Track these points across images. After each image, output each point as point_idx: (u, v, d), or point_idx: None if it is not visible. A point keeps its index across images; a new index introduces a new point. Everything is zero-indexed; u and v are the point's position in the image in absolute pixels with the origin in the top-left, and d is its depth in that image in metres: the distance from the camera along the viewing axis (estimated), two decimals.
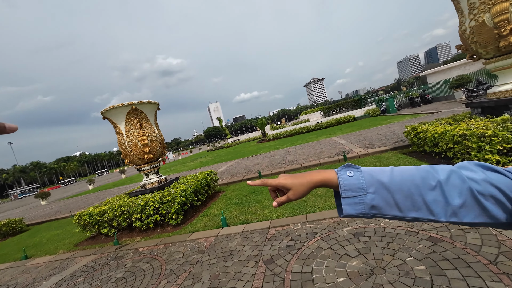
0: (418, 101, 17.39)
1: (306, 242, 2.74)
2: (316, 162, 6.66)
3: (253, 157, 11.75)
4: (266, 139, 21.37)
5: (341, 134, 11.70)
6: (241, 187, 6.37)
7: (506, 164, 3.25)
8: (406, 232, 2.44)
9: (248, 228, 3.56)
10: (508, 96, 3.93)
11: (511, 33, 3.58)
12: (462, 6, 4.14)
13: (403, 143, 6.09)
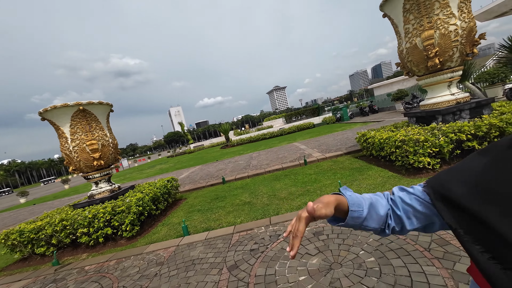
0: (367, 111, 19.45)
1: (269, 244, 2.78)
2: (279, 166, 6.86)
3: (217, 162, 11.55)
4: (230, 144, 21.26)
5: (302, 140, 12.33)
6: (204, 193, 6.18)
7: (435, 165, 3.84)
8: None
9: (211, 235, 3.45)
10: (435, 108, 4.67)
11: (436, 56, 4.29)
12: (399, 30, 4.82)
13: (355, 148, 6.71)
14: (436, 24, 4.16)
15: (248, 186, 5.79)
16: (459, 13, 4.09)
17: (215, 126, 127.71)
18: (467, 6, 4.16)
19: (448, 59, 4.30)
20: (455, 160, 4.00)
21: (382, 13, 5.09)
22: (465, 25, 4.09)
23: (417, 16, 4.35)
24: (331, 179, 4.74)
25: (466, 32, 4.11)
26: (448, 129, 3.90)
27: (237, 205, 4.59)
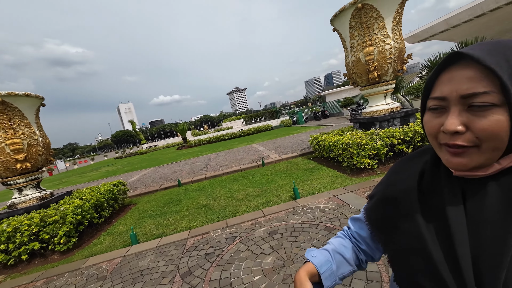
0: (320, 116, 21.03)
1: (225, 247, 2.76)
2: (237, 168, 6.87)
3: (172, 164, 10.95)
4: (187, 145, 20.41)
5: (260, 142, 12.61)
6: (157, 197, 5.78)
7: (373, 165, 4.37)
8: (309, 225, 2.85)
9: (163, 242, 3.25)
10: (374, 115, 5.32)
11: (375, 70, 4.90)
12: (346, 44, 5.36)
13: (309, 149, 7.17)
14: (375, 42, 4.76)
15: (206, 188, 5.64)
16: (392, 35, 4.76)
17: (171, 125, 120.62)
18: (399, 29, 4.87)
19: (384, 73, 4.95)
20: (389, 161, 4.62)
21: (332, 27, 5.59)
22: (397, 45, 4.77)
23: (361, 34, 4.90)
24: (286, 180, 4.96)
25: (398, 51, 4.80)
26: (383, 134, 4.49)
27: (193, 209, 4.42)
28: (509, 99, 0.33)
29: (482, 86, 0.35)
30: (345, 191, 3.64)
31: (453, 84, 0.39)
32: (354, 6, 4.66)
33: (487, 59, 0.35)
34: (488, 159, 0.37)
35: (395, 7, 4.65)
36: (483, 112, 0.36)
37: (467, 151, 0.38)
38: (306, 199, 3.69)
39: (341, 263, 0.62)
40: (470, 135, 0.37)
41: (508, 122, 0.34)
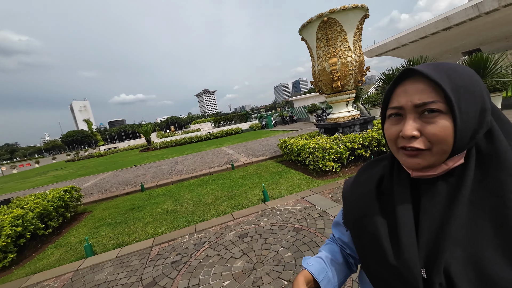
0: (288, 120, 21.77)
1: (194, 253, 2.66)
2: (206, 171, 6.72)
3: (135, 167, 10.23)
4: (152, 147, 19.27)
5: (230, 145, 12.53)
6: (117, 203, 5.33)
7: (337, 168, 4.66)
8: (279, 227, 2.92)
9: (124, 252, 3.00)
10: (338, 121, 5.71)
11: (339, 79, 5.27)
12: (313, 53, 5.68)
13: (278, 153, 7.36)
14: (339, 54, 5.14)
15: (172, 193, 5.39)
16: (354, 48, 5.20)
17: (134, 126, 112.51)
18: (359, 44, 5.34)
19: (346, 83, 5.36)
20: (350, 164, 4.98)
21: (301, 37, 5.88)
22: (357, 58, 5.22)
23: (326, 45, 5.25)
24: (256, 183, 5.00)
25: (358, 63, 5.25)
26: (346, 139, 4.84)
27: (158, 215, 4.18)
28: (452, 107, 0.41)
29: (431, 96, 0.42)
30: (311, 193, 3.82)
31: (407, 95, 0.45)
32: (321, 19, 4.98)
33: (434, 75, 0.42)
34: (437, 160, 0.44)
35: (356, 23, 5.09)
36: (433, 119, 0.42)
37: (421, 153, 0.44)
38: (275, 201, 3.77)
39: (336, 270, 0.65)
40: (423, 139, 0.43)
41: (452, 128, 0.41)
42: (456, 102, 0.40)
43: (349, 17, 4.95)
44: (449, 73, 0.42)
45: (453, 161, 0.44)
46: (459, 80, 0.42)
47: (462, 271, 0.40)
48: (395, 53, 45.32)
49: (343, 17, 4.92)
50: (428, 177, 0.47)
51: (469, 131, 0.42)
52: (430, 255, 0.42)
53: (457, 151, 0.43)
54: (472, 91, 0.42)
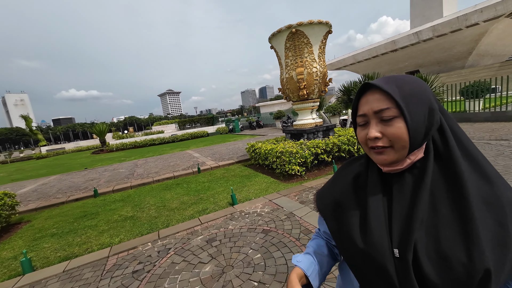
0: (255, 125, 22.09)
1: (157, 261, 2.50)
2: (170, 175, 6.39)
3: (86, 171, 9.19)
4: (107, 149, 17.56)
5: (196, 148, 12.16)
6: (64, 211, 4.72)
7: (302, 172, 4.90)
8: (248, 230, 2.93)
9: (74, 265, 2.66)
10: (303, 128, 6.02)
11: (305, 88, 5.58)
12: (282, 62, 5.92)
13: (245, 157, 7.40)
14: (305, 64, 5.46)
15: (131, 198, 4.99)
16: (318, 60, 5.58)
17: (85, 125, 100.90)
18: (323, 57, 5.75)
19: (311, 92, 5.71)
20: (314, 168, 5.28)
21: (270, 45, 6.09)
22: (321, 70, 5.61)
23: (294, 55, 5.53)
24: (223, 186, 4.95)
25: (322, 74, 5.65)
26: (310, 145, 5.13)
27: (115, 222, 3.83)
28: (402, 111, 0.50)
29: (385, 104, 0.51)
30: (279, 196, 3.93)
31: (368, 104, 0.54)
32: (289, 30, 5.24)
33: (385, 86, 0.51)
34: (400, 155, 0.52)
35: (321, 37, 5.49)
36: (389, 122, 0.51)
37: (385, 150, 0.52)
38: (243, 204, 3.78)
39: (322, 262, 0.71)
40: (385, 139, 0.52)
41: (405, 128, 0.50)
42: (405, 107, 0.49)
43: (315, 31, 5.31)
44: (399, 83, 0.52)
45: (414, 155, 0.53)
46: (407, 88, 0.51)
47: (424, 250, 0.47)
48: (351, 68, 50.02)
49: (310, 30, 5.26)
50: (396, 171, 0.55)
51: (421, 129, 0.51)
52: (401, 236, 0.50)
53: (415, 146, 0.52)
54: (419, 95, 0.51)
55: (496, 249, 0.44)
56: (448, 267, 0.45)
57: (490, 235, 0.44)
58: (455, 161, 0.50)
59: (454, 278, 0.44)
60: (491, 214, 0.46)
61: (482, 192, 0.48)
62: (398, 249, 0.49)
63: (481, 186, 0.48)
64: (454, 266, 0.44)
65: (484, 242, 0.44)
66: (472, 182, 0.48)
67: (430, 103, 0.51)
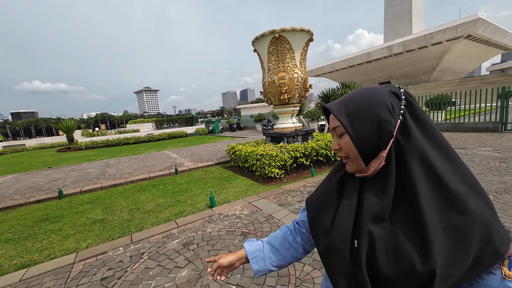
0: (235, 127, 22.00)
1: (130, 267, 2.37)
2: (145, 176, 6.11)
3: (50, 170, 8.45)
4: (75, 147, 16.32)
5: (173, 148, 11.78)
6: (22, 214, 4.29)
7: (281, 174, 4.97)
8: (226, 232, 2.90)
9: (33, 273, 2.42)
10: (283, 131, 6.12)
11: (286, 92, 5.70)
12: (264, 66, 6.00)
13: (225, 159, 7.33)
14: (287, 70, 5.59)
15: (101, 200, 4.68)
16: (300, 66, 5.74)
17: (50, 121, 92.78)
18: (304, 63, 5.93)
19: (292, 97, 5.85)
20: (293, 171, 5.39)
21: (253, 48, 6.14)
22: (302, 76, 5.78)
23: (276, 59, 5.64)
24: (202, 188, 4.85)
25: (303, 80, 5.81)
26: (290, 148, 5.23)
27: (82, 225, 3.56)
28: (345, 128, 0.57)
29: (336, 122, 0.60)
30: (258, 198, 3.95)
31: (331, 121, 0.62)
32: (273, 35, 5.34)
33: (332, 108, 0.60)
34: (358, 164, 0.58)
35: (303, 44, 5.66)
36: (341, 137, 0.60)
37: (347, 161, 0.61)
38: (222, 207, 3.73)
39: (272, 252, 0.81)
40: (342, 150, 0.61)
41: (351, 141, 0.57)
42: (347, 124, 0.56)
43: (297, 37, 5.47)
44: (347, 103, 0.58)
45: (376, 163, 0.56)
46: (352, 107, 0.57)
47: (382, 244, 0.52)
48: (329, 76, 52.13)
49: (292, 36, 5.40)
50: (366, 176, 0.59)
51: (368, 141, 0.55)
52: (360, 229, 0.55)
53: (367, 156, 0.56)
54: (364, 111, 0.55)
55: (446, 254, 0.46)
56: (399, 263, 0.49)
57: (442, 239, 0.47)
58: (410, 168, 0.52)
59: (403, 273, 0.48)
60: (443, 219, 0.48)
61: (434, 199, 0.49)
62: (357, 240, 0.55)
63: (433, 193, 0.50)
64: (405, 263, 0.48)
65: (433, 245, 0.46)
66: (425, 188, 0.50)
67: (377, 117, 0.53)
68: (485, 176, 4.03)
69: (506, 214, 2.72)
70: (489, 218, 0.47)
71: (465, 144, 6.90)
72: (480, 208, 0.48)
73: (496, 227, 0.47)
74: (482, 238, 0.46)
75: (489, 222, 0.47)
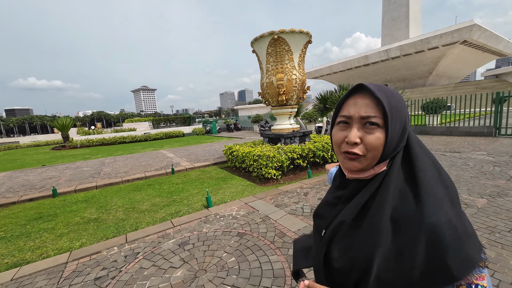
0: (232, 128, 21.97)
1: (124, 266, 2.34)
2: (141, 175, 6.06)
3: (44, 168, 8.34)
4: (70, 145, 16.13)
5: (170, 148, 11.72)
6: (15, 212, 4.22)
7: (278, 176, 4.97)
8: (222, 233, 2.89)
9: (25, 272, 2.38)
10: (281, 132, 6.13)
11: (284, 94, 5.71)
12: (263, 67, 6.01)
13: (222, 159, 7.31)
14: (286, 71, 5.60)
15: (96, 199, 4.63)
16: (298, 68, 5.76)
17: (45, 118, 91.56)
18: (302, 65, 5.95)
19: (290, 98, 5.86)
20: (290, 173, 5.39)
21: (252, 49, 6.15)
22: (301, 77, 5.80)
23: (275, 61, 5.65)
24: (198, 188, 4.82)
25: (301, 82, 5.83)
26: (287, 149, 5.24)
27: (76, 224, 3.51)
28: (386, 123, 0.51)
29: (373, 111, 0.51)
30: (255, 199, 3.94)
31: (356, 107, 0.53)
32: (272, 36, 5.35)
33: (377, 93, 0.51)
34: (369, 164, 0.54)
35: (301, 46, 5.69)
36: (371, 130, 0.51)
37: (358, 158, 0.53)
38: (218, 207, 3.72)
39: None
40: (362, 146, 0.52)
41: (384, 139, 0.51)
42: (390, 119, 0.50)
43: (296, 39, 5.49)
44: (388, 94, 0.52)
45: (379, 167, 0.54)
46: (393, 101, 0.52)
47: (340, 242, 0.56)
48: (327, 78, 52.40)
49: (291, 38, 5.42)
50: (360, 178, 0.57)
51: (394, 143, 0.52)
52: (331, 225, 0.59)
53: (383, 159, 0.53)
54: (400, 112, 0.52)
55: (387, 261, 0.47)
56: (348, 261, 0.53)
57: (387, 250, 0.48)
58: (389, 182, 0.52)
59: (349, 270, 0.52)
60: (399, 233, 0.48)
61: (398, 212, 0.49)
62: (324, 230, 0.61)
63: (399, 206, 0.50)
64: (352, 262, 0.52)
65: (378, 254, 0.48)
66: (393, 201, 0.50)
67: (405, 122, 0.53)
68: (479, 180, 4.08)
69: (499, 217, 2.75)
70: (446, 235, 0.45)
71: (460, 148, 6.99)
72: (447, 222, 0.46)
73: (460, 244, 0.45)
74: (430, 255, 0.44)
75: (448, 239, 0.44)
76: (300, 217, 3.15)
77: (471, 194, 3.50)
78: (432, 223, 0.45)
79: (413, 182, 0.51)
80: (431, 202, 0.47)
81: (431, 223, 0.45)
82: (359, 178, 0.56)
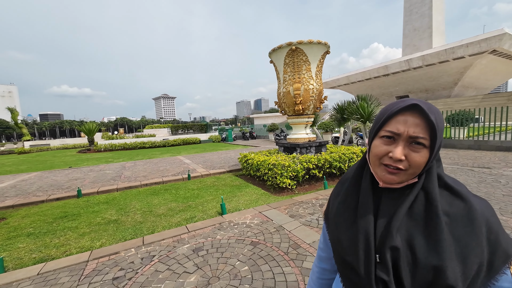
0: (248, 136, 22.18)
1: (140, 268, 2.41)
2: (159, 179, 6.26)
3: (70, 170, 8.87)
4: (94, 149, 17.09)
5: (187, 154, 12.02)
6: (43, 210, 4.50)
7: (292, 185, 4.91)
8: (236, 241, 2.88)
9: (50, 268, 2.52)
10: (297, 142, 6.10)
11: (301, 103, 5.72)
12: (280, 76, 6.08)
13: (237, 167, 7.37)
14: (303, 81, 5.63)
15: (116, 201, 4.83)
16: (315, 78, 5.77)
17: (73, 123, 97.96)
18: (320, 75, 5.95)
19: (307, 108, 5.85)
20: (305, 183, 5.31)
21: (270, 59, 6.26)
22: (318, 87, 5.79)
23: (292, 71, 5.70)
24: (213, 195, 4.88)
25: (318, 92, 5.82)
26: (303, 159, 5.18)
27: (97, 225, 3.68)
28: (433, 144, 0.52)
29: (423, 132, 0.52)
30: (269, 208, 3.91)
31: (407, 126, 0.53)
32: (289, 47, 5.44)
33: (430, 115, 0.51)
34: (407, 178, 0.55)
35: (319, 57, 5.71)
36: (418, 150, 0.52)
37: (400, 172, 0.54)
38: (232, 214, 3.73)
39: None
40: (406, 162, 0.53)
41: (427, 159, 0.53)
42: (438, 142, 0.52)
43: (314, 50, 5.53)
44: (436, 116, 0.53)
45: (413, 180, 0.56)
46: (439, 123, 0.53)
47: (404, 258, 0.51)
48: (345, 88, 51.66)
49: (309, 49, 5.47)
50: (393, 187, 0.57)
51: (433, 160, 0.55)
52: (380, 245, 0.54)
53: (422, 173, 0.56)
54: (442, 131, 0.54)
55: (461, 265, 0.49)
56: (419, 277, 0.50)
57: (456, 251, 0.49)
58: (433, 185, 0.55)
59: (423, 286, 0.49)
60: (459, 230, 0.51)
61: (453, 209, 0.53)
62: (378, 254, 0.54)
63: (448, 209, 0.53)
64: (424, 277, 0.49)
65: (448, 261, 0.48)
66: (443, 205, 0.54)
67: (442, 137, 0.54)
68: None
69: None
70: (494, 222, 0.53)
71: (490, 164, 6.52)
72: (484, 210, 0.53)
73: (502, 230, 0.52)
74: (491, 242, 0.51)
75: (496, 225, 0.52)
76: (315, 228, 3.08)
77: (503, 213, 3.24)
78: (485, 215, 0.53)
79: (446, 186, 0.57)
80: (473, 199, 0.55)
81: (484, 215, 0.53)
82: (393, 187, 0.58)
